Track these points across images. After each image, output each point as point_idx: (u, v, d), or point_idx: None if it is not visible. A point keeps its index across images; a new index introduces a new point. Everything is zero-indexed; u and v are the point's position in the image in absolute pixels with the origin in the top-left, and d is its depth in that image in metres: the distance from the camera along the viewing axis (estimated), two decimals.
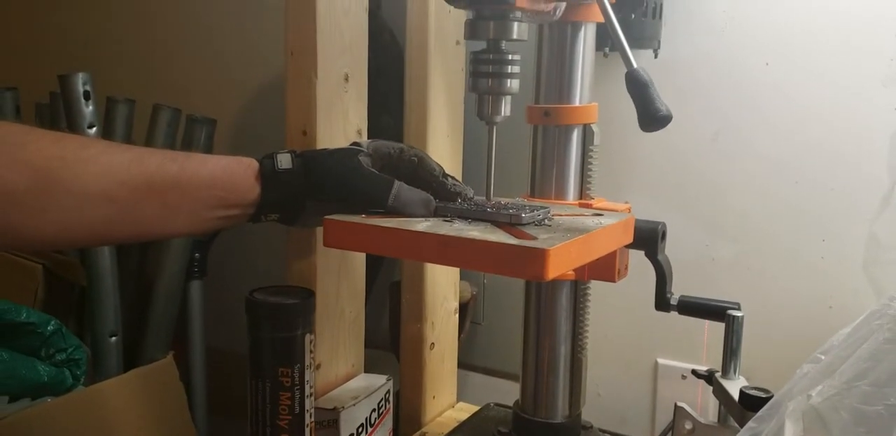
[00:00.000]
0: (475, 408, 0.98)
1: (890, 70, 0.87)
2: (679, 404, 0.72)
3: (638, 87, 0.58)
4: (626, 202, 0.78)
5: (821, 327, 0.95)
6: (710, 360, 1.02)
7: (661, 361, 1.07)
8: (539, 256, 0.55)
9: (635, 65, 0.59)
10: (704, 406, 1.01)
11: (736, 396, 0.67)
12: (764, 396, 0.63)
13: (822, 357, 0.54)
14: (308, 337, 0.65)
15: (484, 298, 1.17)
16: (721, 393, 0.70)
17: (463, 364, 1.10)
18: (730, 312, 0.71)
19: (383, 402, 0.82)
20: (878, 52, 0.88)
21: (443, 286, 0.97)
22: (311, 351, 0.66)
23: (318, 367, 0.76)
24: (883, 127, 0.89)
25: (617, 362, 1.10)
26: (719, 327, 0.73)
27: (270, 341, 0.64)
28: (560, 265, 0.57)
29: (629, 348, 1.08)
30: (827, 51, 0.91)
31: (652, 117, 0.58)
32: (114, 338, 1.10)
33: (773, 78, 0.94)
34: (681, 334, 1.03)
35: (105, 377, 1.03)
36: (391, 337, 1.07)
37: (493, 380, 1.19)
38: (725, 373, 0.71)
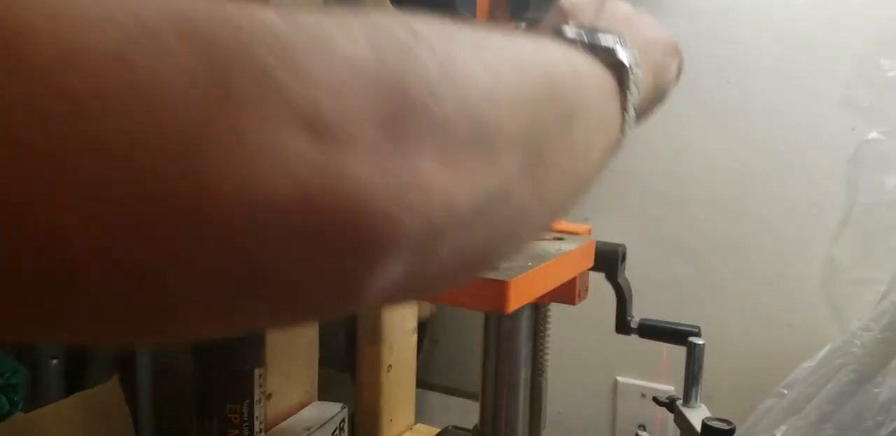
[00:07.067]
0: (433, 430, 0.96)
1: (847, 92, 0.88)
2: (640, 433, 0.70)
3: None
4: (586, 219, 0.76)
5: (780, 344, 0.95)
6: (670, 378, 1.01)
7: (620, 379, 1.06)
8: (499, 288, 0.52)
9: None
10: (664, 424, 1.00)
11: (698, 426, 0.65)
12: (727, 428, 0.62)
13: (786, 392, 0.53)
14: (257, 371, 0.62)
15: (443, 314, 1.15)
16: (682, 422, 0.69)
17: (421, 383, 1.08)
18: (691, 339, 0.69)
19: (338, 431, 0.80)
20: (835, 75, 0.88)
21: (401, 307, 0.95)
22: (260, 385, 0.63)
23: (269, 397, 0.73)
24: (841, 148, 0.89)
25: (576, 380, 1.08)
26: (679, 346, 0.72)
27: (217, 377, 0.61)
28: (521, 296, 0.55)
29: (588, 366, 1.07)
30: (787, 71, 0.91)
31: None
32: (55, 360, 1.05)
33: (734, 96, 0.94)
34: (640, 353, 1.02)
35: (45, 402, 0.98)
36: (347, 358, 1.05)
37: (452, 399, 1.16)
38: (687, 401, 0.70)
